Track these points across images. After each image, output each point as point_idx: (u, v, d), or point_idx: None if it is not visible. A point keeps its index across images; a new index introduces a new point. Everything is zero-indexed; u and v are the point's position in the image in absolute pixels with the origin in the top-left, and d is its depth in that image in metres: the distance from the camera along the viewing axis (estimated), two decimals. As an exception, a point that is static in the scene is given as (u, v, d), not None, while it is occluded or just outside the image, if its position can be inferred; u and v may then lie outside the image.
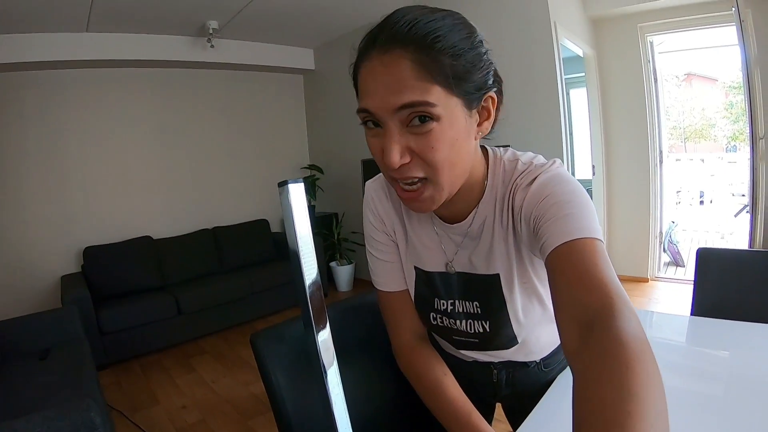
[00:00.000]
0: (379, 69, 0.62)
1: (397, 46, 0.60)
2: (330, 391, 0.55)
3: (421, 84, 0.58)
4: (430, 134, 0.61)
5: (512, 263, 0.77)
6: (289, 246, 0.53)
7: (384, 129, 0.63)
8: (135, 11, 3.49)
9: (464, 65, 0.62)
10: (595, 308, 0.53)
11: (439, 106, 0.59)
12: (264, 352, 0.97)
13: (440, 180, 0.65)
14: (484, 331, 0.84)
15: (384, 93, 0.61)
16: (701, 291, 1.56)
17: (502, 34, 3.44)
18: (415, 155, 0.63)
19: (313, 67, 5.29)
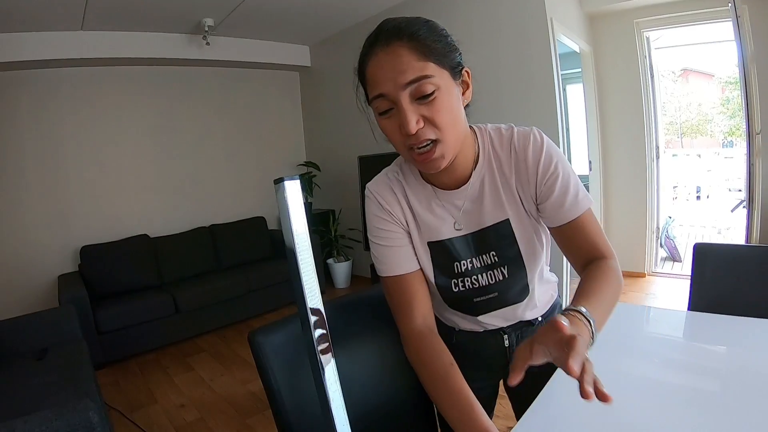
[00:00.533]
0: (384, 59, 0.76)
1: (395, 39, 0.76)
2: (327, 389, 0.55)
3: (419, 63, 0.74)
4: (435, 102, 0.75)
5: (518, 206, 0.91)
6: (286, 243, 0.53)
7: (397, 107, 0.76)
8: (130, 9, 3.48)
9: (444, 46, 0.79)
10: (595, 256, 0.91)
11: (436, 77, 0.75)
12: (262, 350, 0.97)
13: (447, 138, 0.78)
14: (504, 279, 0.94)
15: (393, 76, 0.74)
16: (698, 286, 1.56)
17: (499, 31, 3.43)
18: (426, 121, 0.76)
19: (309, 64, 5.28)
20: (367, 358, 1.18)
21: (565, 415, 0.97)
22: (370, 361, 1.18)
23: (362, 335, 1.19)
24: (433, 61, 0.76)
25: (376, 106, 0.80)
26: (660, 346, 1.32)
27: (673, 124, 7.72)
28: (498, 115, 3.53)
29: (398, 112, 0.76)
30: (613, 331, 1.39)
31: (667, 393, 1.00)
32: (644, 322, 1.56)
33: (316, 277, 0.54)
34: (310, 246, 0.54)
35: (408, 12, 4.06)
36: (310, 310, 0.53)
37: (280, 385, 0.98)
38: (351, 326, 1.17)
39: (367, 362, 1.18)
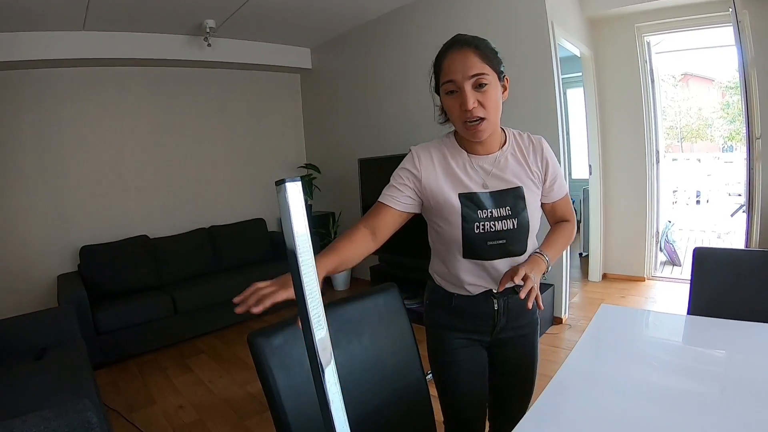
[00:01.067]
0: (458, 57, 1.09)
1: (466, 46, 1.10)
2: (327, 391, 0.55)
3: (481, 65, 1.08)
4: (487, 91, 1.10)
5: (528, 181, 1.23)
6: (287, 245, 0.53)
7: (461, 91, 1.09)
8: (132, 10, 3.48)
9: (495, 58, 1.12)
10: (562, 219, 1.36)
11: (489, 75, 1.09)
12: (261, 351, 0.99)
13: (491, 118, 1.12)
14: (513, 228, 1.19)
15: (462, 69, 1.08)
16: (698, 290, 1.56)
17: (500, 34, 3.44)
18: (479, 104, 1.09)
19: (310, 66, 5.29)
20: (367, 361, 1.19)
21: (565, 418, 0.97)
22: (371, 363, 1.19)
23: (363, 338, 1.20)
24: (488, 65, 1.10)
25: (446, 88, 1.12)
26: (660, 350, 1.32)
27: (674, 129, 7.73)
28: (498, 118, 3.53)
29: (461, 94, 1.09)
30: (613, 335, 1.39)
31: (666, 396, 1.00)
32: (644, 326, 1.56)
33: (316, 279, 0.54)
34: (312, 248, 0.54)
35: (409, 15, 4.10)
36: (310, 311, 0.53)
37: (279, 387, 0.99)
38: (353, 328, 1.19)
39: (368, 364, 1.19)
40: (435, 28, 3.83)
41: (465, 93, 1.08)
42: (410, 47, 4.06)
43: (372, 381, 1.18)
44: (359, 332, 1.21)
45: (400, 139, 4.13)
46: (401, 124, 4.21)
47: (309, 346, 0.54)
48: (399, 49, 4.17)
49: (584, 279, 4.52)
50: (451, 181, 1.20)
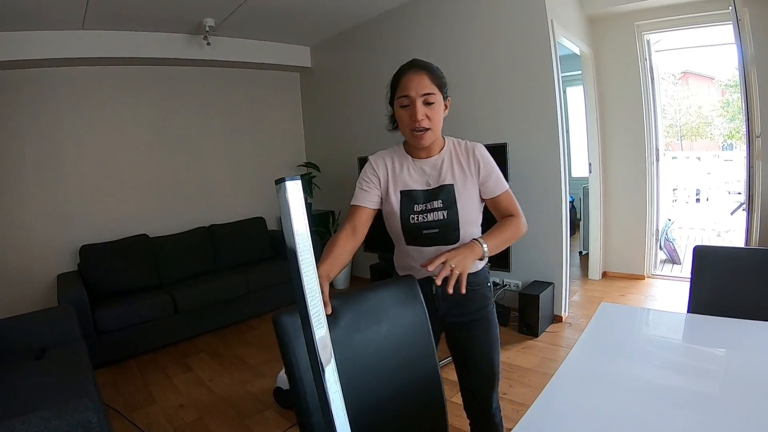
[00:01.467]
0: (415, 77, 1.35)
1: (422, 70, 1.36)
2: (327, 389, 0.55)
3: (431, 86, 1.34)
4: (434, 108, 1.35)
5: (463, 179, 1.43)
6: (287, 243, 0.53)
7: (413, 105, 1.33)
8: (131, 9, 3.47)
9: (442, 82, 1.39)
10: (509, 214, 1.46)
11: (436, 95, 1.35)
12: (285, 331, 1.09)
13: (434, 129, 1.37)
14: (443, 218, 1.40)
15: (417, 87, 1.33)
16: (698, 288, 1.56)
17: (500, 32, 3.44)
18: (426, 117, 1.34)
19: (309, 65, 5.28)
20: (384, 348, 1.22)
21: (565, 417, 0.97)
22: (388, 350, 1.22)
23: (381, 326, 1.23)
24: (437, 86, 1.36)
25: (401, 102, 1.37)
26: (660, 348, 1.32)
27: (673, 127, 7.73)
28: (498, 116, 3.53)
29: (413, 108, 1.34)
30: (613, 333, 1.39)
31: (666, 394, 1.00)
32: (644, 324, 1.56)
33: (316, 277, 0.54)
34: (312, 246, 0.54)
35: (409, 13, 4.10)
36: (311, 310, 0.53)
37: (301, 365, 1.05)
38: (372, 316, 1.24)
39: (385, 352, 1.22)
40: (435, 27, 3.83)
41: (416, 107, 1.33)
42: (410, 45, 4.06)
43: (388, 368, 1.22)
44: (378, 320, 1.23)
45: (399, 138, 4.12)
46: (401, 123, 4.21)
47: (309, 344, 0.54)
48: (399, 48, 4.16)
49: (584, 277, 4.53)
50: (397, 181, 1.46)
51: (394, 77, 1.42)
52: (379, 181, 1.47)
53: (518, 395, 2.51)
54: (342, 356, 1.08)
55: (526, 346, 3.13)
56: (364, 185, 1.47)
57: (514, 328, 3.39)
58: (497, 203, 1.46)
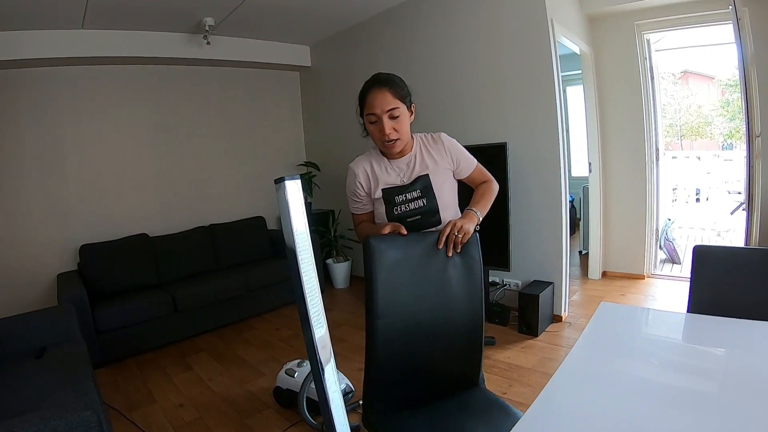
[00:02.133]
0: (378, 95, 1.49)
1: (384, 86, 1.49)
2: (327, 388, 0.55)
3: (394, 101, 1.49)
4: (399, 120, 1.51)
5: (437, 167, 1.62)
6: (286, 243, 0.53)
7: (380, 120, 1.49)
8: (130, 8, 3.47)
9: (406, 93, 1.54)
10: (484, 181, 1.73)
11: (400, 108, 1.51)
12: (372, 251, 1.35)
13: (403, 138, 1.54)
14: (423, 206, 1.58)
15: (381, 105, 1.48)
16: (697, 288, 1.56)
17: (500, 32, 3.44)
18: (393, 129, 1.50)
19: (309, 64, 5.28)
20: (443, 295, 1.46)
21: (564, 416, 0.97)
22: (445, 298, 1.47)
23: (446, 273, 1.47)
24: (400, 99, 1.50)
25: (369, 119, 1.52)
26: (659, 348, 1.32)
27: (673, 126, 7.73)
28: (498, 115, 3.53)
29: (380, 123, 1.49)
30: (613, 333, 1.39)
31: (666, 394, 1.00)
32: (644, 323, 1.56)
33: (316, 276, 0.54)
34: (311, 245, 0.54)
35: (409, 12, 4.10)
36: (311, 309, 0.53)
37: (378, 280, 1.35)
38: (441, 265, 1.47)
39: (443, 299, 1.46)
40: (435, 26, 3.82)
41: (383, 123, 1.48)
42: (411, 45, 4.05)
43: (442, 314, 1.45)
44: (444, 268, 1.46)
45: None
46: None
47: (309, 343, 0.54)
48: (399, 46, 4.16)
49: (584, 277, 4.53)
50: (378, 182, 1.62)
51: (360, 94, 1.55)
52: (363, 187, 1.64)
53: (518, 395, 2.51)
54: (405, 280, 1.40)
55: (526, 346, 3.13)
56: (353, 196, 1.68)
57: (513, 328, 3.39)
58: (472, 179, 1.71)
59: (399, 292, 1.38)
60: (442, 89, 3.87)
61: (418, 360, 1.43)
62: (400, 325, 1.38)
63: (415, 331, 1.40)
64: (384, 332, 1.35)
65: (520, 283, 3.58)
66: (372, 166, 1.65)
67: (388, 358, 1.36)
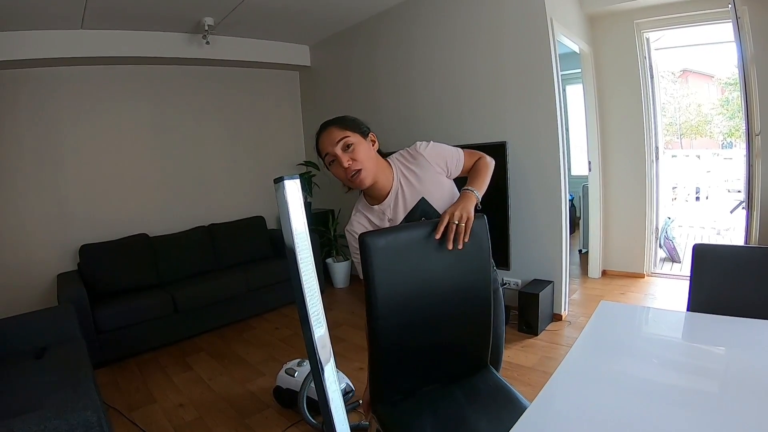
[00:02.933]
0: (325, 135, 1.45)
1: (330, 126, 1.46)
2: (327, 388, 0.55)
3: (342, 132, 1.43)
4: (355, 149, 1.43)
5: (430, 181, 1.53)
6: (286, 243, 0.53)
7: (336, 157, 1.42)
8: (130, 8, 3.47)
9: (354, 124, 1.48)
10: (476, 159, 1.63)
11: (351, 137, 1.43)
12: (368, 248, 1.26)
13: (366, 167, 1.43)
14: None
15: (330, 140, 1.43)
16: (697, 287, 1.56)
17: (499, 31, 3.43)
18: (351, 159, 1.41)
19: (309, 64, 5.28)
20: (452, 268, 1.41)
21: (564, 415, 0.97)
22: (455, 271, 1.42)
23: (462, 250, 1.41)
24: (349, 130, 1.44)
25: (327, 160, 1.45)
26: (659, 347, 1.32)
27: (673, 125, 7.73)
28: (498, 114, 3.53)
29: (337, 160, 1.42)
30: (613, 332, 1.39)
31: (666, 393, 1.00)
32: (643, 322, 1.56)
33: (315, 276, 0.54)
34: (310, 245, 0.54)
35: (409, 11, 4.09)
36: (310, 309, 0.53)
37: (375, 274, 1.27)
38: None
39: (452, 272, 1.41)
40: (435, 25, 3.82)
41: (339, 156, 1.41)
42: (410, 44, 4.05)
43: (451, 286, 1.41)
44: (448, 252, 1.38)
45: (399, 137, 4.11)
46: (401, 122, 4.21)
47: (309, 343, 0.54)
48: (399, 46, 4.16)
49: (584, 276, 4.53)
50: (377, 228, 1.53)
51: (315, 144, 1.50)
52: None
53: (518, 394, 2.51)
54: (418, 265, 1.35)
55: (526, 345, 3.13)
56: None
57: (513, 327, 3.39)
58: (465, 168, 1.62)
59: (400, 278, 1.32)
60: (442, 88, 3.87)
61: (423, 347, 1.41)
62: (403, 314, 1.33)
63: (417, 318, 1.36)
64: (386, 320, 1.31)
65: (520, 281, 3.58)
66: (369, 220, 1.56)
67: (392, 347, 1.35)
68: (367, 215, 1.56)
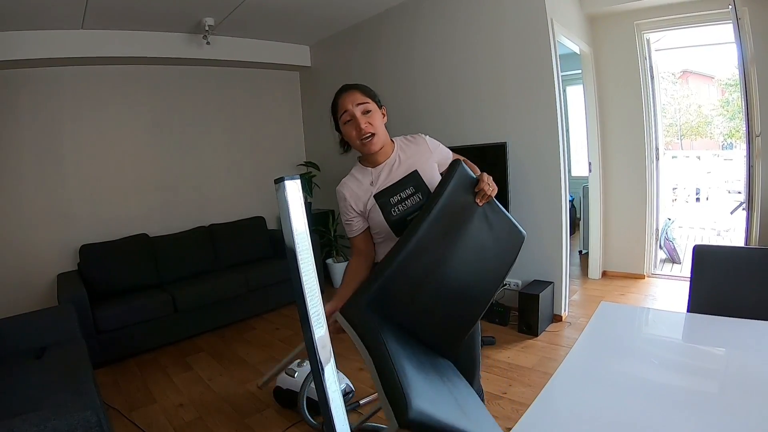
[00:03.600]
0: (348, 95, 1.53)
1: (352, 89, 1.55)
2: (327, 388, 0.55)
3: (364, 98, 1.53)
4: (372, 115, 1.53)
5: (422, 163, 1.62)
6: (286, 243, 0.53)
7: (354, 118, 1.51)
8: (130, 8, 3.47)
9: (373, 94, 1.59)
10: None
11: (371, 104, 1.54)
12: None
13: (378, 133, 1.53)
14: (420, 200, 1.56)
15: (352, 101, 1.52)
16: (697, 288, 1.56)
17: (500, 32, 3.44)
18: (368, 123, 1.51)
19: (309, 64, 5.28)
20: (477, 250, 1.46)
21: (564, 416, 0.97)
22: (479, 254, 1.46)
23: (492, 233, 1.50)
24: (369, 98, 1.55)
25: (343, 119, 1.53)
26: (659, 347, 1.32)
27: (673, 126, 7.73)
28: (498, 114, 3.53)
29: (354, 121, 1.51)
30: (613, 333, 1.39)
31: (666, 393, 1.00)
32: (644, 323, 1.56)
33: (316, 276, 0.54)
34: (311, 245, 0.54)
35: (409, 11, 4.10)
36: (310, 309, 0.53)
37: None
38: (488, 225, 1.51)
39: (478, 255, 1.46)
40: (435, 25, 3.82)
41: (357, 118, 1.50)
42: (411, 44, 4.05)
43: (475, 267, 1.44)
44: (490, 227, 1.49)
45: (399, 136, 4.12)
46: (401, 122, 4.20)
47: (309, 344, 0.54)
48: (399, 46, 4.16)
49: (584, 276, 4.53)
50: (367, 193, 1.59)
51: (332, 104, 1.59)
52: (354, 208, 1.60)
53: (518, 395, 2.51)
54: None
55: (526, 346, 3.13)
56: (346, 218, 1.64)
57: (513, 328, 3.39)
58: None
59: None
60: (442, 89, 3.87)
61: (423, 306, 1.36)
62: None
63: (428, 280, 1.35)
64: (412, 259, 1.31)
65: (520, 282, 3.58)
66: (359, 180, 1.63)
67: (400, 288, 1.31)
68: (358, 176, 1.63)
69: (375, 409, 2.28)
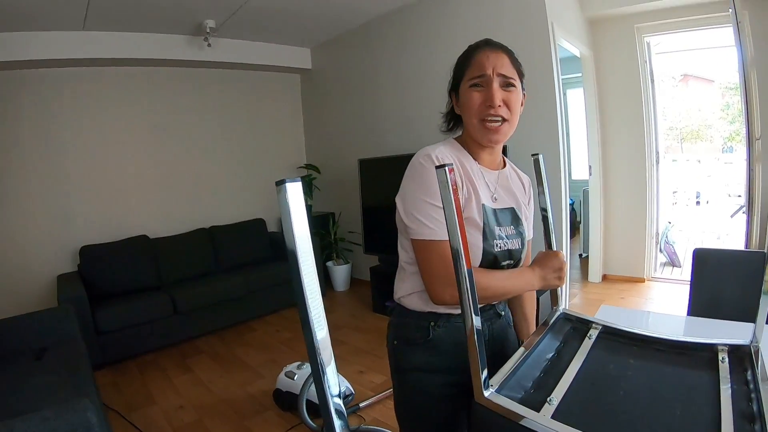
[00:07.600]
0: (493, 55, 1.07)
1: (501, 49, 1.10)
2: (327, 391, 0.55)
3: (512, 69, 1.08)
4: (513, 93, 1.07)
5: (518, 202, 1.18)
6: (287, 245, 0.53)
7: (489, 86, 1.04)
8: (132, 10, 3.48)
9: (522, 71, 1.14)
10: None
11: (516, 81, 1.08)
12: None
13: (512, 122, 1.08)
14: (518, 248, 1.13)
15: (496, 65, 1.05)
16: (697, 291, 1.56)
17: (500, 35, 3.41)
18: (504, 103, 1.05)
19: (310, 67, 5.29)
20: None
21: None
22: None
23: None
24: (517, 73, 1.10)
25: (473, 81, 1.07)
26: (659, 351, 1.31)
27: (673, 129, 7.72)
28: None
29: (488, 90, 1.04)
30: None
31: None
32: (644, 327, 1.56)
33: (317, 279, 0.54)
34: (312, 248, 0.54)
35: (409, 15, 4.08)
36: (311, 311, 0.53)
37: None
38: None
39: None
40: (435, 29, 3.83)
41: (493, 88, 1.03)
42: (411, 47, 4.06)
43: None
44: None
45: (400, 140, 4.13)
46: (401, 125, 4.21)
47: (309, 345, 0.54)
48: (399, 49, 4.17)
49: (584, 280, 4.53)
50: (474, 187, 1.06)
51: (465, 55, 1.14)
52: (459, 190, 1.04)
53: (518, 397, 2.51)
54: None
55: (526, 348, 3.12)
56: (434, 201, 0.99)
57: (513, 330, 3.38)
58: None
59: None
60: (443, 92, 3.87)
61: None
62: None
63: None
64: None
65: (520, 285, 3.57)
66: (462, 163, 1.09)
67: None
68: (461, 157, 1.10)
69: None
